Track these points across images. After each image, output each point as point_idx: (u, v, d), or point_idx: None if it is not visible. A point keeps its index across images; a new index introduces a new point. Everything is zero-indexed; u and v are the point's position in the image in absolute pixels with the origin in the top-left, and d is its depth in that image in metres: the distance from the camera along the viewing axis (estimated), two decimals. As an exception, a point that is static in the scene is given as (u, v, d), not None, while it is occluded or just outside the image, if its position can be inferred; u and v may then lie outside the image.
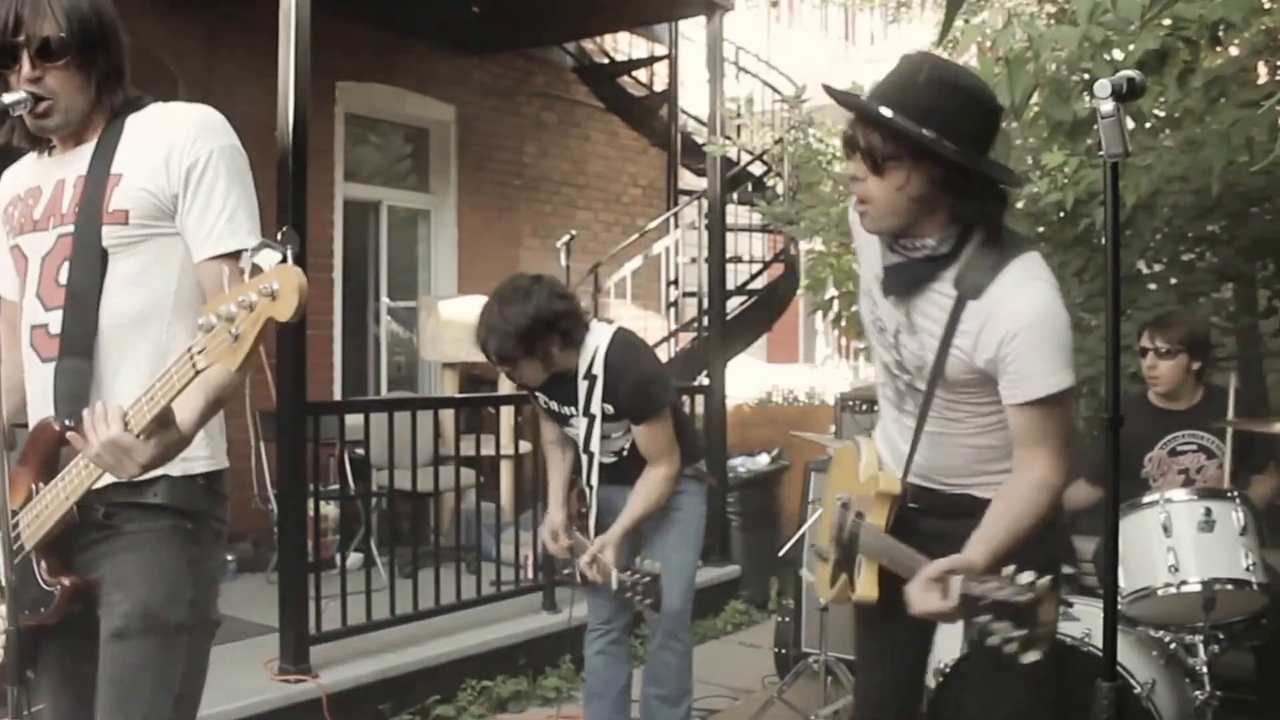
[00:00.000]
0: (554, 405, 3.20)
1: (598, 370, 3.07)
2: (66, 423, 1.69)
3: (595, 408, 3.09)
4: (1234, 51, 3.66)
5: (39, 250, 1.84)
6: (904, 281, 1.94)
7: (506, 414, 5.20)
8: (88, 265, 1.78)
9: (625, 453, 3.17)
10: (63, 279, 1.79)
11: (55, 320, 1.80)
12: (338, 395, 6.43)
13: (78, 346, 1.77)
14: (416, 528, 5.06)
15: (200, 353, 1.47)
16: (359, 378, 6.95)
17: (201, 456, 1.82)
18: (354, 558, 5.01)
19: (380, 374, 7.11)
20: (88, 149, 1.83)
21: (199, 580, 1.84)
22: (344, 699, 3.84)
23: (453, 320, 5.93)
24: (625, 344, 3.13)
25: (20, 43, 1.74)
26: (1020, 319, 1.82)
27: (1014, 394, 1.85)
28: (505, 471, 5.55)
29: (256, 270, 1.43)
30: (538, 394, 3.21)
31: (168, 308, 1.81)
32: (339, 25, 5.63)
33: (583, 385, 3.10)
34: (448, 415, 5.22)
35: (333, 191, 6.54)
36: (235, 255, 1.75)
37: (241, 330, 1.41)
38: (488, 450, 5.28)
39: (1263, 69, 3.81)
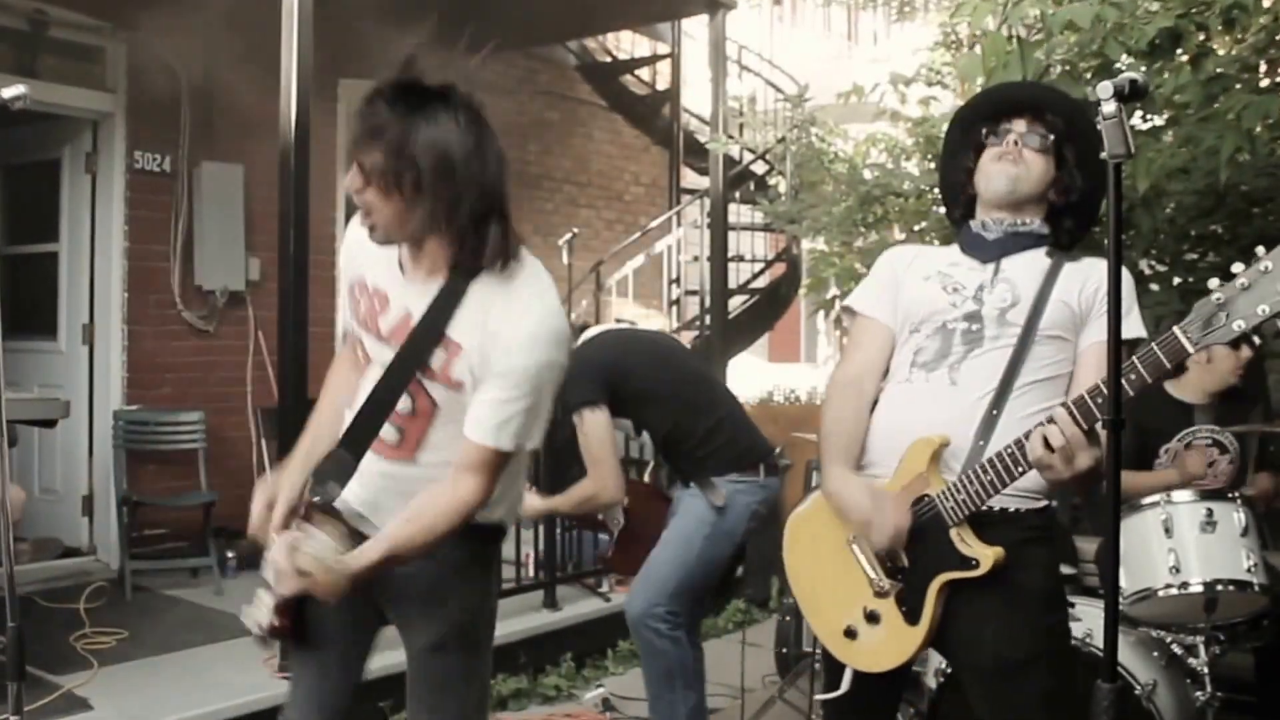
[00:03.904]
0: None
1: None
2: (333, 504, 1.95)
3: None
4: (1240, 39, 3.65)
5: (381, 360, 1.95)
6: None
7: (508, 412, 5.20)
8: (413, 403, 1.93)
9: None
10: (402, 406, 1.92)
11: (391, 434, 1.95)
12: (339, 393, 6.41)
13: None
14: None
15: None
16: (361, 375, 6.94)
17: (497, 511, 2.03)
18: (355, 555, 4.99)
19: (382, 372, 7.11)
20: (431, 291, 1.87)
21: (493, 601, 2.14)
22: (345, 697, 3.83)
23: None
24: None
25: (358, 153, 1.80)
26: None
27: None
28: (506, 470, 5.55)
29: None
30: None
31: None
32: (341, 23, 5.63)
33: None
34: (449, 413, 5.21)
35: (335, 190, 6.53)
36: (485, 449, 1.87)
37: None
38: (489, 448, 5.28)
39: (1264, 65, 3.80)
